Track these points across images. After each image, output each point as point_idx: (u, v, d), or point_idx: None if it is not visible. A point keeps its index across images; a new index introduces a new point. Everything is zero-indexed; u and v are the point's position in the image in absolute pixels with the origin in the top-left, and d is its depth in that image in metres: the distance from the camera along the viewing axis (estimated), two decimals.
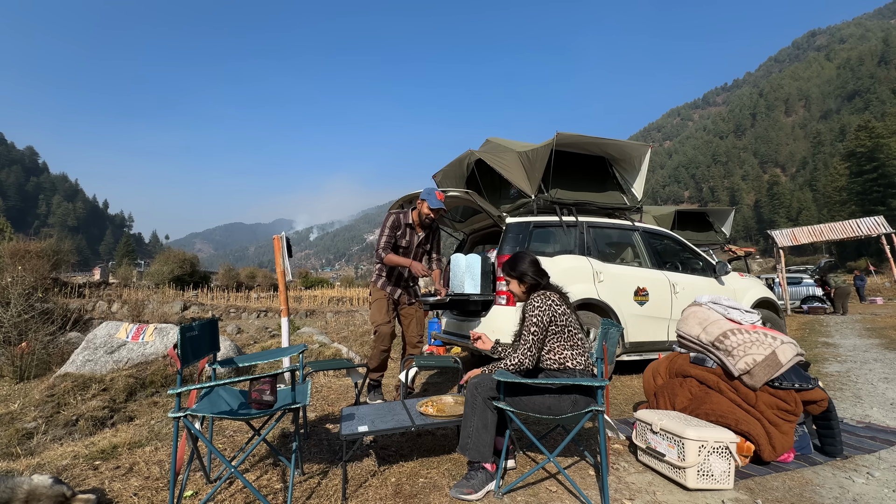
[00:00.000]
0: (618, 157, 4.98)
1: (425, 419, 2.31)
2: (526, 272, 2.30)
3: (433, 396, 2.68)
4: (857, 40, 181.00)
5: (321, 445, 2.73)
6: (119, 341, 6.03)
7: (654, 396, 2.93)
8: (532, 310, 2.19)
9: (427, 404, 2.50)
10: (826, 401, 2.48)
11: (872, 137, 54.26)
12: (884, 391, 3.94)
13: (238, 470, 1.86)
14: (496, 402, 2.09)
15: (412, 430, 2.23)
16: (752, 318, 2.92)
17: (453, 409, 2.43)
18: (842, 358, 5.70)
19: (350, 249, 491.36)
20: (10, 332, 7.80)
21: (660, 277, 4.61)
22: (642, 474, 2.33)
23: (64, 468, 2.37)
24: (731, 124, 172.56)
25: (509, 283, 2.38)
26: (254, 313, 20.19)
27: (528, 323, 2.18)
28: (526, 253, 2.39)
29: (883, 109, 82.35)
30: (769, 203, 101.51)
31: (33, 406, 5.00)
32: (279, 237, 3.92)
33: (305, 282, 36.46)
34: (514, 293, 2.39)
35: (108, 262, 59.91)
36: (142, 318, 13.31)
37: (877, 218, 15.86)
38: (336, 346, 7.61)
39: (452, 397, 2.65)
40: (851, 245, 44.42)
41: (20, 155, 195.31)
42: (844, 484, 2.16)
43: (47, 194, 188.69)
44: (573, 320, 2.22)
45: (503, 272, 2.40)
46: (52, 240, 18.58)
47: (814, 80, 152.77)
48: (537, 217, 4.33)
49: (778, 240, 17.04)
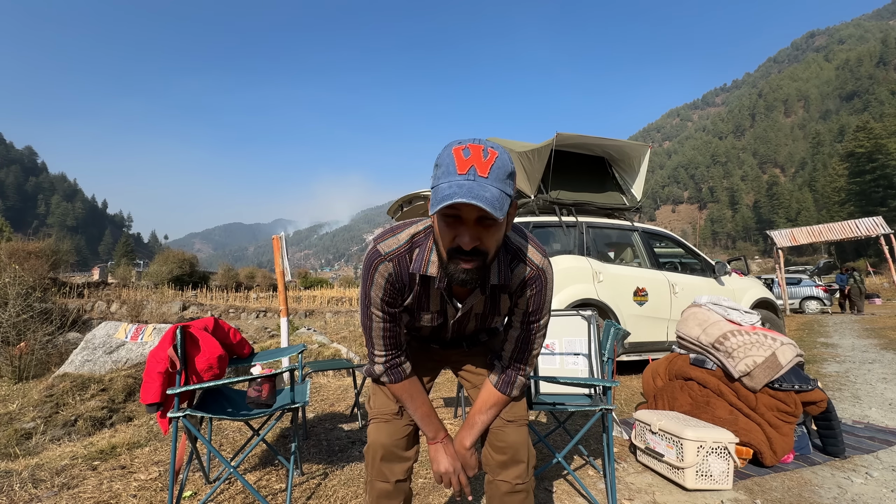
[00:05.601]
0: (617, 157, 4.98)
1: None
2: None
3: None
4: (855, 41, 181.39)
5: (320, 445, 2.72)
6: (118, 341, 6.02)
7: (653, 399, 2.93)
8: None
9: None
10: (825, 401, 2.48)
11: (871, 138, 54.41)
12: (882, 391, 3.95)
13: (237, 470, 1.86)
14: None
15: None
16: (751, 318, 2.92)
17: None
18: (840, 358, 5.71)
19: (349, 249, 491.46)
20: (9, 332, 7.79)
21: (659, 278, 4.61)
22: (641, 475, 2.33)
23: (63, 468, 2.37)
24: (730, 125, 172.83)
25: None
26: (253, 313, 20.18)
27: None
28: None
29: (882, 110, 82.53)
30: (768, 203, 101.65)
31: (32, 406, 4.99)
32: (278, 237, 3.92)
33: (305, 282, 36.46)
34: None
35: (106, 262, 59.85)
36: (141, 318, 13.30)
37: (875, 218, 15.91)
38: (335, 346, 7.62)
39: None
40: (850, 246, 44.49)
41: (19, 155, 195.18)
42: (843, 484, 2.16)
43: (46, 194, 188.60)
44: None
45: None
46: (51, 240, 18.55)
47: (813, 80, 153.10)
48: (537, 217, 4.33)
49: (777, 240, 17.08)
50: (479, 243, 0.97)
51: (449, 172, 0.92)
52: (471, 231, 0.95)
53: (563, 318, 2.64)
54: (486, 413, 1.25)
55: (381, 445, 1.24)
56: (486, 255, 1.00)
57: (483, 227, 0.95)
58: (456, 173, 0.91)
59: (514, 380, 1.26)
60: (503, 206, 0.90)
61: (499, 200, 0.89)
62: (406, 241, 1.11)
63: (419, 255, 1.11)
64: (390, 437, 1.25)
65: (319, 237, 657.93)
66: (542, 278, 1.14)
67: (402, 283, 1.14)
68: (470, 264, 0.99)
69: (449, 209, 0.92)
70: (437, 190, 0.92)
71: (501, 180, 0.92)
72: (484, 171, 0.91)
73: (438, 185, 0.92)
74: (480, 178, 0.90)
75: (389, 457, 1.24)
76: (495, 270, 1.11)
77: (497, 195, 0.90)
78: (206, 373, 1.96)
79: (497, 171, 0.92)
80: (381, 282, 1.12)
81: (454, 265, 1.00)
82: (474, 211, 0.91)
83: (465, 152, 0.93)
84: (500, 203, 0.89)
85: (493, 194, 0.89)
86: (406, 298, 1.17)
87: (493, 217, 0.88)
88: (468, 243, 0.95)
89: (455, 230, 0.96)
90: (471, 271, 1.00)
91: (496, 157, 0.92)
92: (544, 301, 1.18)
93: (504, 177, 0.93)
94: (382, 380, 1.27)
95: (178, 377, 1.87)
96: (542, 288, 1.15)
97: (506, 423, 1.26)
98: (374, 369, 1.27)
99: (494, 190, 0.90)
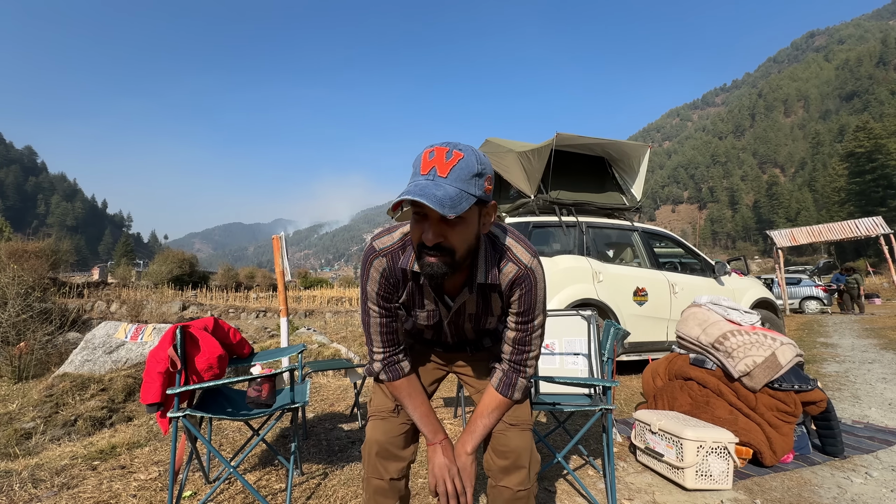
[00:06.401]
0: (617, 157, 4.99)
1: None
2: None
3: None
4: (855, 41, 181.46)
5: (320, 445, 2.72)
6: (118, 341, 6.02)
7: (653, 399, 2.93)
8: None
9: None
10: (825, 401, 2.48)
11: (871, 138, 54.46)
12: (882, 391, 3.95)
13: (237, 470, 1.86)
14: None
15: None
16: (751, 318, 2.92)
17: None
18: (840, 358, 5.71)
19: (349, 249, 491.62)
20: (9, 332, 7.79)
21: (659, 278, 4.62)
22: (641, 475, 2.33)
23: (62, 468, 2.37)
24: (730, 125, 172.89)
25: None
26: (253, 313, 20.19)
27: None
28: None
29: (881, 110, 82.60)
30: (768, 203, 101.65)
31: (32, 406, 4.99)
32: (278, 237, 3.92)
33: (304, 282, 36.45)
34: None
35: (106, 261, 59.86)
36: (140, 318, 13.30)
37: (875, 218, 15.91)
38: (335, 346, 7.62)
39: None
40: (850, 246, 44.52)
41: (19, 154, 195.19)
42: (843, 484, 2.16)
43: (46, 194, 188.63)
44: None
45: None
46: (51, 239, 18.52)
47: (812, 80, 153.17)
48: (537, 217, 4.34)
49: (777, 240, 17.08)
50: (444, 240, 1.01)
51: (415, 174, 0.98)
52: (434, 228, 1.00)
53: (562, 317, 2.64)
54: (488, 417, 1.24)
55: (377, 442, 1.25)
56: (451, 250, 1.03)
57: (446, 223, 0.99)
58: (419, 174, 0.97)
59: (515, 382, 1.26)
60: (458, 204, 0.93)
61: (452, 199, 0.92)
62: (399, 238, 1.17)
63: (410, 252, 1.15)
64: (386, 434, 1.26)
65: (319, 237, 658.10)
66: (530, 278, 1.15)
67: (395, 279, 1.19)
68: (434, 258, 1.03)
69: (415, 207, 0.98)
70: (404, 190, 0.97)
71: (463, 180, 0.96)
72: (444, 171, 0.96)
73: (407, 186, 0.98)
74: (439, 178, 0.95)
75: (384, 454, 1.25)
76: (482, 269, 1.14)
77: (453, 193, 0.93)
78: (206, 373, 1.96)
79: (459, 171, 0.96)
80: (375, 276, 1.18)
81: (422, 259, 1.05)
82: (433, 209, 0.93)
83: (430, 154, 0.98)
84: (455, 201, 0.92)
85: (446, 193, 0.93)
86: (401, 294, 1.21)
87: (445, 215, 0.91)
88: (430, 239, 1.00)
89: (421, 227, 1.02)
90: (435, 265, 1.03)
91: (460, 159, 0.97)
92: (535, 301, 1.18)
93: (467, 177, 0.96)
94: (381, 377, 1.28)
95: (178, 377, 1.87)
96: (531, 287, 1.16)
97: (508, 426, 1.25)
98: (372, 366, 1.29)
99: (450, 189, 0.94)
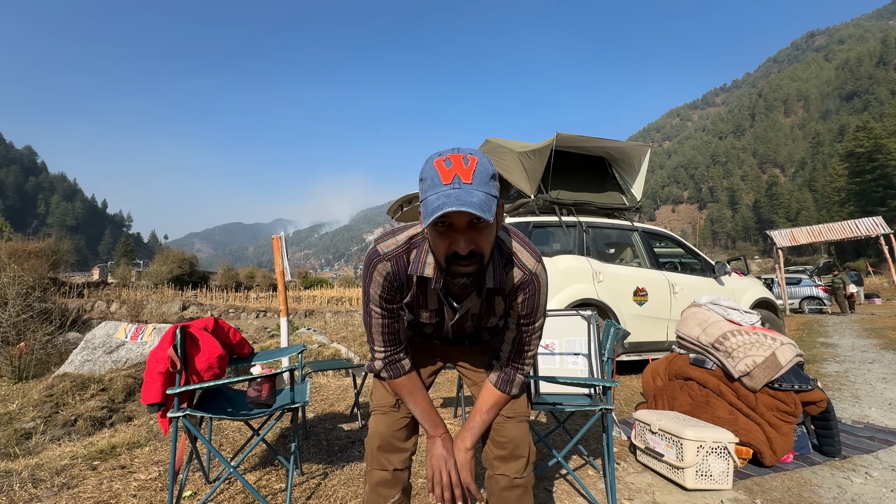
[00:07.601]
0: (617, 157, 4.99)
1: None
2: None
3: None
4: (855, 41, 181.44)
5: (320, 445, 2.72)
6: (118, 341, 6.02)
7: (653, 399, 2.93)
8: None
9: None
10: (825, 401, 2.48)
11: (871, 138, 54.44)
12: (882, 391, 3.95)
13: (237, 470, 1.86)
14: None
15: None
16: (751, 318, 2.92)
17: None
18: (840, 358, 5.71)
19: (349, 249, 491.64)
20: (9, 332, 7.80)
21: (659, 278, 4.62)
22: (641, 474, 2.33)
23: (62, 468, 2.37)
24: (730, 125, 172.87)
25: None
26: (253, 313, 20.20)
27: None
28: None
29: (881, 110, 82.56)
30: (768, 203, 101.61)
31: (32, 406, 4.99)
32: (278, 237, 3.92)
33: (305, 282, 36.45)
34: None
35: (106, 261, 59.82)
36: (140, 318, 13.30)
37: (875, 218, 15.92)
38: (335, 346, 7.62)
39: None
40: (850, 246, 44.51)
41: (19, 154, 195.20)
42: (843, 484, 2.16)
43: (46, 194, 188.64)
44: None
45: None
46: (51, 239, 18.52)
47: (812, 80, 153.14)
48: (537, 217, 4.34)
49: (777, 240, 17.09)
50: (475, 246, 1.00)
51: (435, 184, 0.95)
52: (464, 236, 0.99)
53: (563, 317, 2.64)
54: (487, 413, 1.27)
55: (380, 435, 1.27)
56: (482, 256, 1.03)
57: (475, 230, 0.99)
58: (441, 184, 0.94)
59: (513, 378, 1.29)
60: (490, 207, 0.94)
61: (486, 203, 0.93)
62: (404, 242, 1.15)
63: (416, 256, 1.15)
64: (388, 427, 1.29)
65: (319, 237, 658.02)
66: (534, 283, 1.17)
67: (399, 283, 1.18)
68: (469, 267, 1.03)
69: (437, 219, 0.95)
70: (427, 203, 0.94)
71: (485, 183, 0.96)
72: (467, 177, 0.95)
73: (427, 198, 0.95)
74: (466, 185, 0.94)
75: (387, 446, 1.27)
76: (490, 274, 1.14)
77: (483, 198, 0.93)
78: (206, 373, 1.96)
79: (479, 175, 0.96)
80: (379, 279, 1.16)
81: (454, 270, 1.03)
82: (465, 217, 0.95)
83: (446, 163, 0.96)
84: (488, 205, 0.93)
85: (479, 198, 0.93)
86: (405, 297, 1.21)
87: (485, 219, 0.92)
88: (464, 248, 0.99)
89: (449, 238, 1.00)
90: (471, 274, 1.03)
91: (476, 163, 0.97)
92: (537, 305, 1.21)
93: (487, 180, 0.97)
94: (382, 375, 1.31)
95: (178, 377, 1.87)
96: (535, 292, 1.18)
97: (506, 419, 1.29)
98: (374, 365, 1.31)
99: (480, 194, 0.94)
